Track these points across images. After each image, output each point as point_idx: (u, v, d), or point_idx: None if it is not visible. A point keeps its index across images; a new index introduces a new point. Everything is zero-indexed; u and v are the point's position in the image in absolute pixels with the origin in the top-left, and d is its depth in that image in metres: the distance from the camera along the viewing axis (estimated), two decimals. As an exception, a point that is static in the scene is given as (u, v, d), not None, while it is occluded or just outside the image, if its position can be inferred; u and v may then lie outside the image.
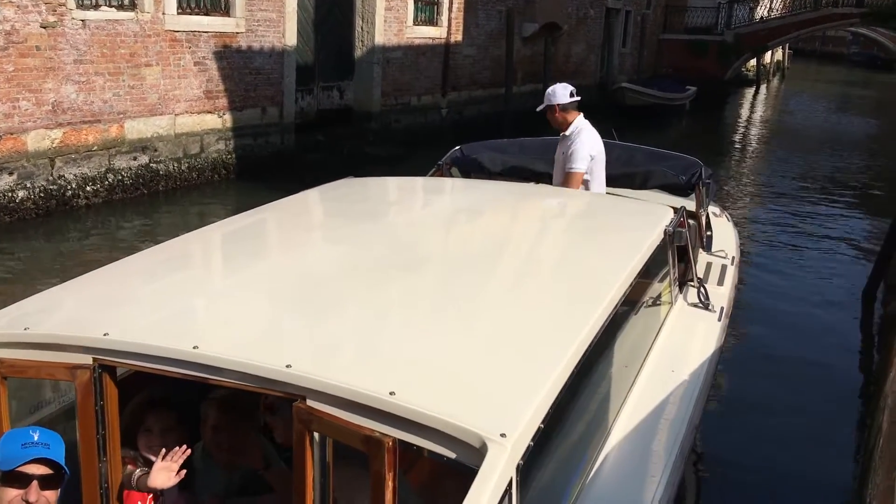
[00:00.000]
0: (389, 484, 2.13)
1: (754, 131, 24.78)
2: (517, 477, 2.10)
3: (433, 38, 16.99)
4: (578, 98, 5.69)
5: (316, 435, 2.28)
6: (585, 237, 4.36)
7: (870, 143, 23.72)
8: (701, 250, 5.64)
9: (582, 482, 2.84)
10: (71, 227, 10.01)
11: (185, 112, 11.64)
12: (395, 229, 4.08)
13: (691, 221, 5.48)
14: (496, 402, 2.26)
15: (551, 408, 2.33)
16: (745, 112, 29.29)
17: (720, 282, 5.27)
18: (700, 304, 4.63)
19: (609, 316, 3.07)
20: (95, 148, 10.41)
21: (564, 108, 5.56)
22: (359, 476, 2.24)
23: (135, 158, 10.98)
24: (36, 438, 2.33)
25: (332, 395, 2.23)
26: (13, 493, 2.25)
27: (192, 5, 11.61)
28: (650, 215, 4.50)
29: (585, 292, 3.22)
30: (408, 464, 2.34)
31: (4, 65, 9.15)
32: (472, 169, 6.38)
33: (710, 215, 6.42)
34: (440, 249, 3.76)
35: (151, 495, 2.83)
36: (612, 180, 6.05)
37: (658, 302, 4.35)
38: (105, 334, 2.53)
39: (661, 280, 4.36)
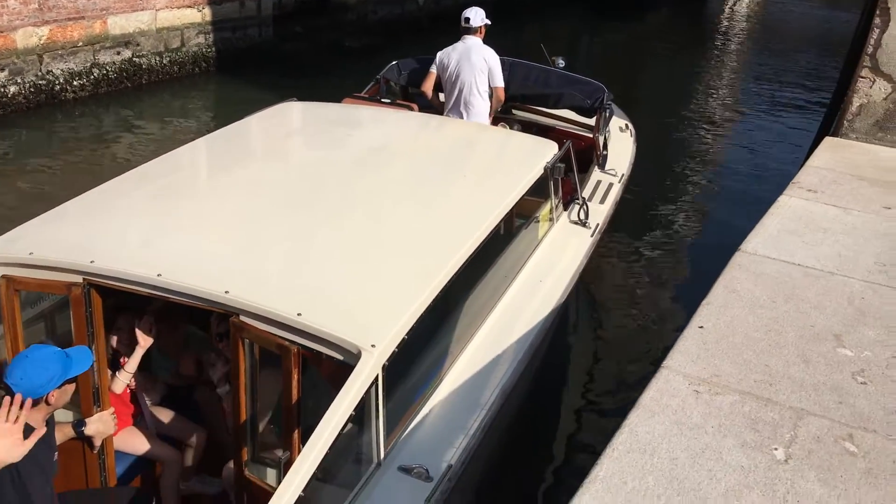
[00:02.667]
0: (295, 377, 3.05)
1: (735, 27, 24.93)
2: (383, 374, 3.07)
3: (412, -73, 17.08)
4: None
5: (246, 341, 3.19)
6: (472, 171, 5.08)
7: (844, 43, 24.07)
8: (596, 168, 6.44)
9: (440, 379, 3.74)
10: (60, 118, 10.70)
11: (165, 7, 12.08)
12: (314, 165, 4.83)
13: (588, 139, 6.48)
14: (372, 320, 3.17)
15: (415, 325, 3.27)
16: (724, 5, 29.21)
17: (603, 199, 6.04)
18: (579, 222, 5.48)
19: (479, 246, 3.92)
20: (81, 44, 10.94)
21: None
22: (276, 373, 3.17)
23: (118, 53, 11.52)
24: (54, 359, 2.94)
25: (256, 314, 3.14)
26: (34, 411, 2.88)
27: None
28: (534, 151, 5.26)
29: (460, 225, 4.05)
30: (309, 363, 3.20)
31: (-9, -35, 9.59)
32: (405, 83, 7.20)
33: (618, 130, 7.31)
34: (347, 185, 4.41)
35: (128, 387, 3.93)
36: (531, 99, 7.07)
37: (537, 222, 5.11)
38: (91, 262, 3.40)
39: (543, 204, 5.16)
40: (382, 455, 3.21)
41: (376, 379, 3.04)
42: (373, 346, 3.02)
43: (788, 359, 3.18)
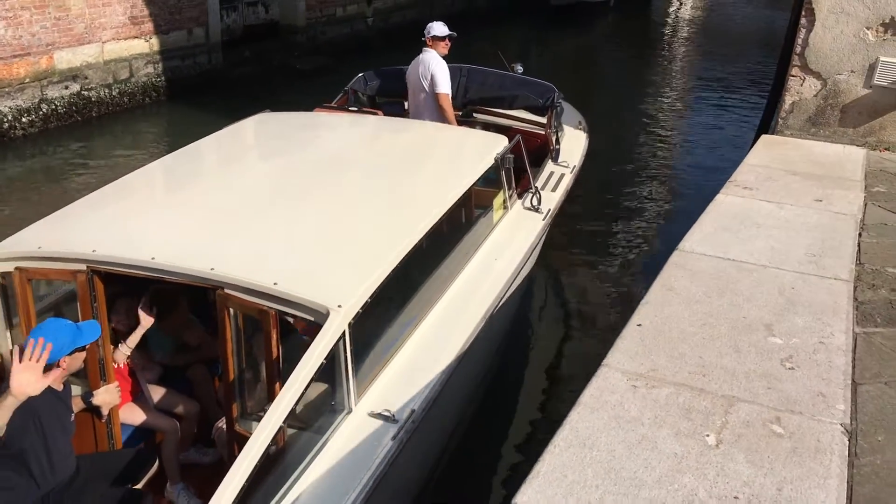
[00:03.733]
0: (274, 338, 3.47)
1: (676, 33, 25.43)
2: (349, 331, 3.52)
3: (356, -52, 17.26)
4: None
5: (231, 310, 3.60)
6: (431, 163, 5.68)
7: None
8: (550, 161, 6.88)
9: (406, 339, 4.19)
10: (10, 156, 10.63)
11: (112, 39, 12.08)
12: (287, 162, 5.34)
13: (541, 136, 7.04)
14: (338, 285, 3.65)
15: (378, 289, 3.76)
16: (668, 10, 29.80)
17: (555, 188, 6.52)
18: (532, 208, 5.96)
19: (435, 224, 4.45)
20: (27, 80, 10.91)
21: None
22: (258, 337, 3.59)
23: (66, 87, 11.49)
24: (75, 329, 3.39)
25: (238, 286, 3.58)
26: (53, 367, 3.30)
27: (111, -68, 11.88)
28: (485, 145, 5.83)
29: (418, 206, 4.61)
30: (285, 325, 3.60)
31: (-68, 6, 9.54)
32: (371, 92, 7.72)
33: (573, 126, 7.87)
34: (317, 178, 4.94)
35: (126, 362, 4.34)
36: (488, 102, 7.59)
37: (492, 208, 5.61)
38: (93, 251, 3.82)
39: (497, 193, 5.68)
40: (354, 403, 3.68)
41: (343, 335, 3.51)
42: (339, 306, 3.49)
43: (721, 350, 3.35)
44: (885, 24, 6.71)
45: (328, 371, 3.47)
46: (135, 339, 4.27)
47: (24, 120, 10.92)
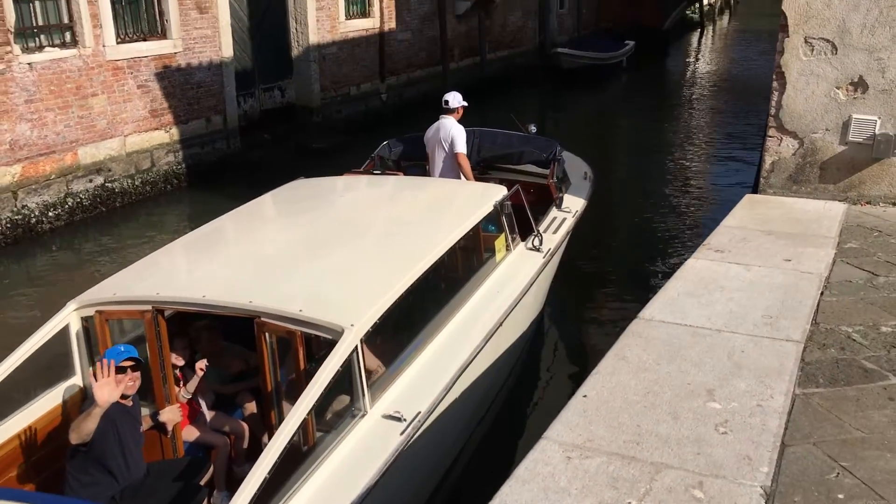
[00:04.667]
0: (301, 354, 4.37)
1: (692, 89, 25.70)
2: (361, 345, 4.34)
3: (367, 30, 17.94)
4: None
5: (266, 334, 4.43)
6: (437, 210, 6.69)
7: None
8: (554, 208, 7.72)
9: (416, 355, 5.00)
10: (38, 251, 11.15)
11: (133, 132, 12.72)
12: (316, 216, 6.37)
13: (547, 183, 7.92)
14: (350, 308, 4.53)
15: (386, 311, 4.64)
16: (682, 66, 30.14)
17: (556, 230, 7.33)
18: (533, 248, 6.79)
19: (439, 258, 5.40)
20: (53, 176, 11.51)
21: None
22: (289, 355, 4.46)
23: (90, 181, 12.08)
24: (122, 349, 4.38)
25: (271, 314, 4.43)
26: (121, 376, 4.18)
27: (131, 33, 12.61)
28: (485, 194, 6.71)
29: (424, 243, 5.52)
30: (309, 344, 4.50)
31: (-38, 114, 10.20)
32: (395, 157, 8.74)
33: (580, 177, 8.86)
34: (341, 227, 6.00)
35: (184, 389, 5.24)
36: (498, 159, 8.65)
37: (494, 249, 6.45)
38: (157, 293, 4.78)
39: (499, 236, 6.52)
40: (369, 407, 4.46)
41: (356, 349, 4.31)
42: (351, 325, 4.33)
43: (659, 417, 3.52)
44: (855, 84, 6.93)
45: (346, 380, 4.31)
46: (192, 385, 5.22)
47: (50, 214, 11.48)
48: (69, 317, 4.91)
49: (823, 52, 6.97)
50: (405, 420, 4.38)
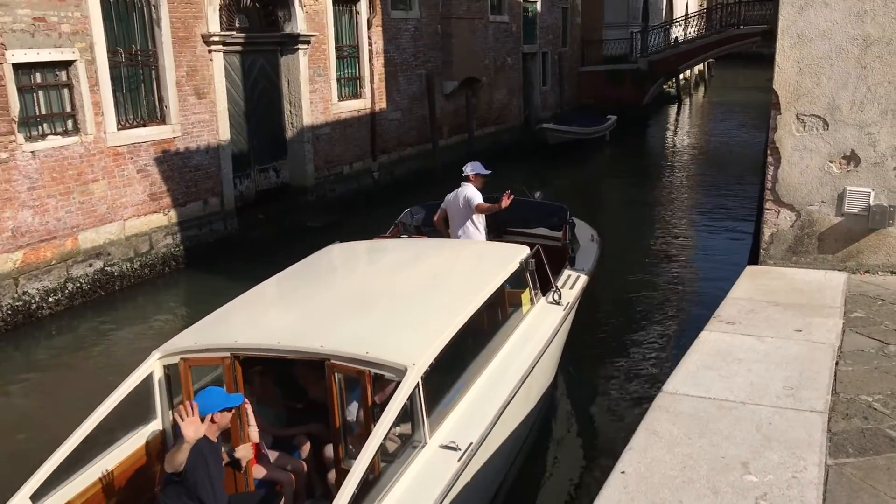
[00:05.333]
0: (369, 391, 4.96)
1: (673, 161, 26.31)
2: (422, 383, 4.96)
3: (359, 110, 18.37)
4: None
5: (336, 375, 5.02)
6: (473, 266, 7.47)
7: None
8: (568, 266, 8.48)
9: (465, 392, 5.73)
10: (39, 336, 11.13)
11: (132, 216, 12.85)
12: (365, 271, 7.41)
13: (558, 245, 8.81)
14: (411, 349, 5.14)
15: (440, 352, 5.27)
16: (663, 139, 30.90)
17: (572, 287, 8.12)
18: (554, 302, 7.55)
19: (479, 309, 6.13)
20: (54, 262, 11.56)
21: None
22: (355, 393, 5.13)
23: (90, 265, 12.14)
24: (227, 398, 4.95)
25: (341, 357, 5.03)
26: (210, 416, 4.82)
27: (131, 119, 12.86)
28: (512, 253, 7.47)
29: (465, 296, 6.26)
30: (377, 382, 5.03)
31: (-34, 203, 10.29)
32: (417, 223, 9.56)
33: (587, 239, 9.67)
34: (390, 280, 6.93)
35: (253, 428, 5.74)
36: (514, 223, 9.45)
37: (520, 301, 7.18)
38: (235, 341, 5.40)
39: (523, 289, 7.25)
40: (428, 438, 5.04)
41: (417, 385, 4.93)
42: (413, 364, 4.95)
43: (700, 492, 3.58)
44: (847, 157, 7.19)
45: (408, 413, 4.90)
46: (254, 432, 5.71)
47: (50, 299, 11.49)
48: (153, 365, 5.49)
49: (815, 128, 7.25)
50: (460, 449, 4.99)
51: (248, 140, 15.68)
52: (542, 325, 7.13)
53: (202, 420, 4.67)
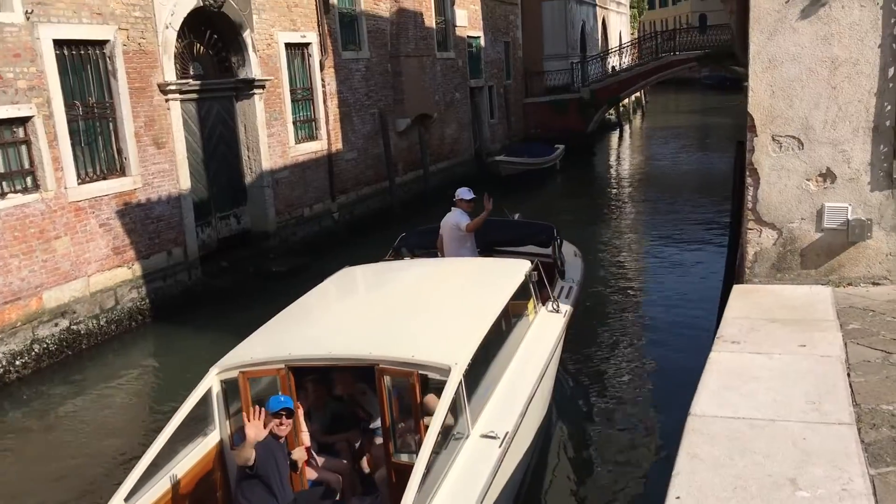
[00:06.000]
0: (417, 390, 5.55)
1: (621, 185, 26.88)
2: (463, 380, 5.57)
3: (316, 152, 18.32)
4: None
5: (385, 378, 5.57)
6: (486, 279, 8.15)
7: (723, 186, 26.24)
8: (559, 279, 9.34)
9: (494, 387, 6.45)
10: (6, 402, 10.71)
11: (96, 272, 12.53)
12: (392, 286, 7.99)
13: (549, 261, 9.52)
14: (452, 350, 5.78)
15: (475, 351, 5.94)
16: (608, 164, 31.54)
17: (567, 297, 9.01)
18: (553, 311, 8.37)
19: (498, 317, 6.83)
20: (19, 323, 11.18)
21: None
22: (404, 393, 5.72)
23: (56, 325, 11.76)
24: (282, 399, 5.65)
25: (389, 361, 5.60)
26: (276, 421, 5.57)
27: (91, 173, 12.59)
28: (516, 267, 8.13)
29: (487, 302, 7.01)
30: (424, 383, 5.61)
31: (-73, 268, 9.90)
32: (412, 247, 10.28)
33: (571, 255, 10.52)
34: (417, 292, 7.67)
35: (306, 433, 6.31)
36: (504, 242, 10.21)
37: (527, 310, 7.94)
38: (289, 354, 5.97)
39: (528, 299, 7.99)
40: (471, 429, 5.70)
41: (460, 383, 5.53)
42: (456, 363, 5.55)
43: (759, 512, 3.62)
44: (823, 175, 7.42)
45: (452, 409, 5.42)
46: (306, 436, 6.23)
47: (17, 363, 11.09)
48: (212, 380, 6.00)
49: (791, 148, 7.48)
50: (499, 437, 5.67)
51: (209, 187, 15.49)
52: (546, 330, 7.94)
53: (265, 426, 5.35)
